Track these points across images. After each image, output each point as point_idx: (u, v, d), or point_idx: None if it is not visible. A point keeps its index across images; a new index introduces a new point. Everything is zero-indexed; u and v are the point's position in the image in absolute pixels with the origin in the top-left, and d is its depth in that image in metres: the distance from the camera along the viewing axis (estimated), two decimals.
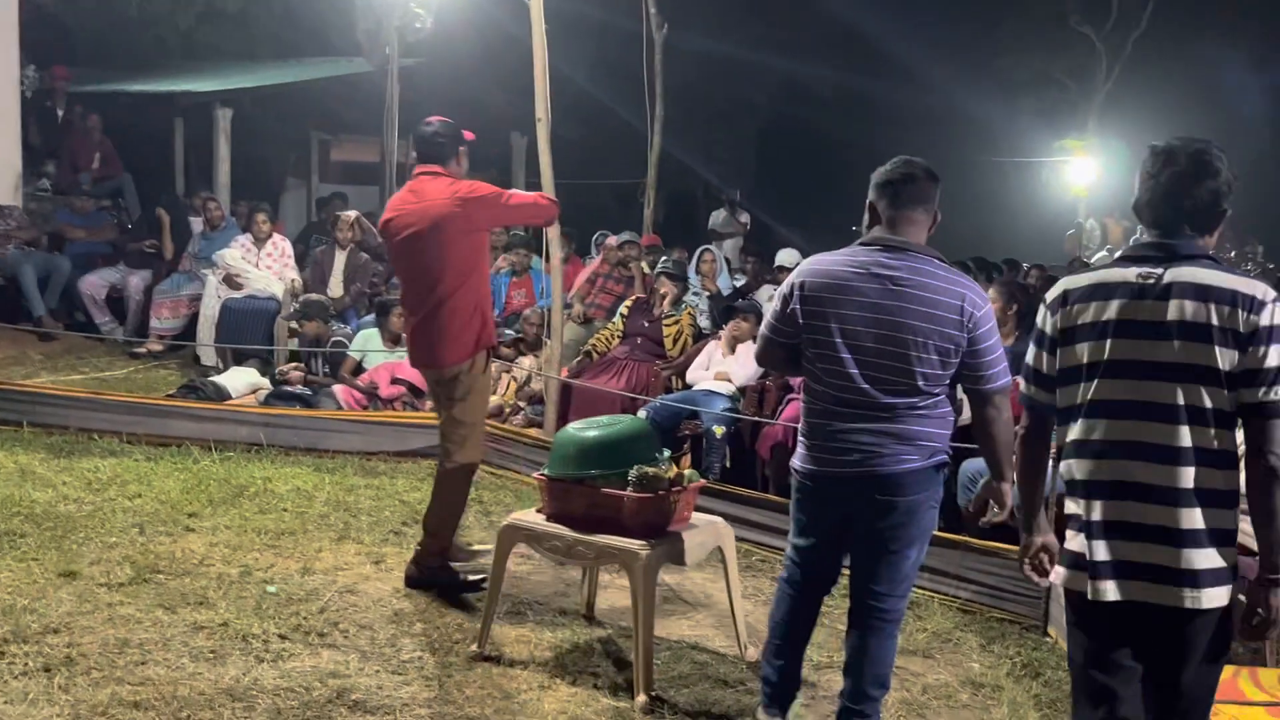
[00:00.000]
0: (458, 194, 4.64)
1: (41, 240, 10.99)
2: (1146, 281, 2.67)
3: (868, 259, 3.40)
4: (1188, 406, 2.61)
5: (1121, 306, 2.68)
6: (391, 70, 11.86)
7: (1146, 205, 2.77)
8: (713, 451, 6.78)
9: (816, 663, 4.36)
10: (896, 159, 3.51)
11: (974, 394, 3.46)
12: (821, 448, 3.45)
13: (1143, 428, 2.64)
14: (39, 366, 9.43)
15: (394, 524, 5.80)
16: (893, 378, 3.34)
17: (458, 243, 4.66)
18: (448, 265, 4.66)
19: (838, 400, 3.40)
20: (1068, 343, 2.78)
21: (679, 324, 7.91)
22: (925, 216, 3.47)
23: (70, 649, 4.02)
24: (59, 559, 4.92)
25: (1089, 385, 2.72)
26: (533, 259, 10.16)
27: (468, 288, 4.71)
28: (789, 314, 3.48)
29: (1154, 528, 2.62)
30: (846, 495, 3.44)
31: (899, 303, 3.32)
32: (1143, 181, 2.79)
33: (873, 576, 3.46)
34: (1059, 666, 4.44)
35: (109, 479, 6.24)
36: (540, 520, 4.17)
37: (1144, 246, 2.76)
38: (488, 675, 4.06)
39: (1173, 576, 2.60)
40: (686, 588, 5.16)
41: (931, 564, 5.12)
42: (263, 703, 3.73)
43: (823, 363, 3.42)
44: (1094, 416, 2.72)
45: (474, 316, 4.74)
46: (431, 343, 4.77)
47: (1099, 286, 2.74)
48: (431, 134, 4.80)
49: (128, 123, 13.26)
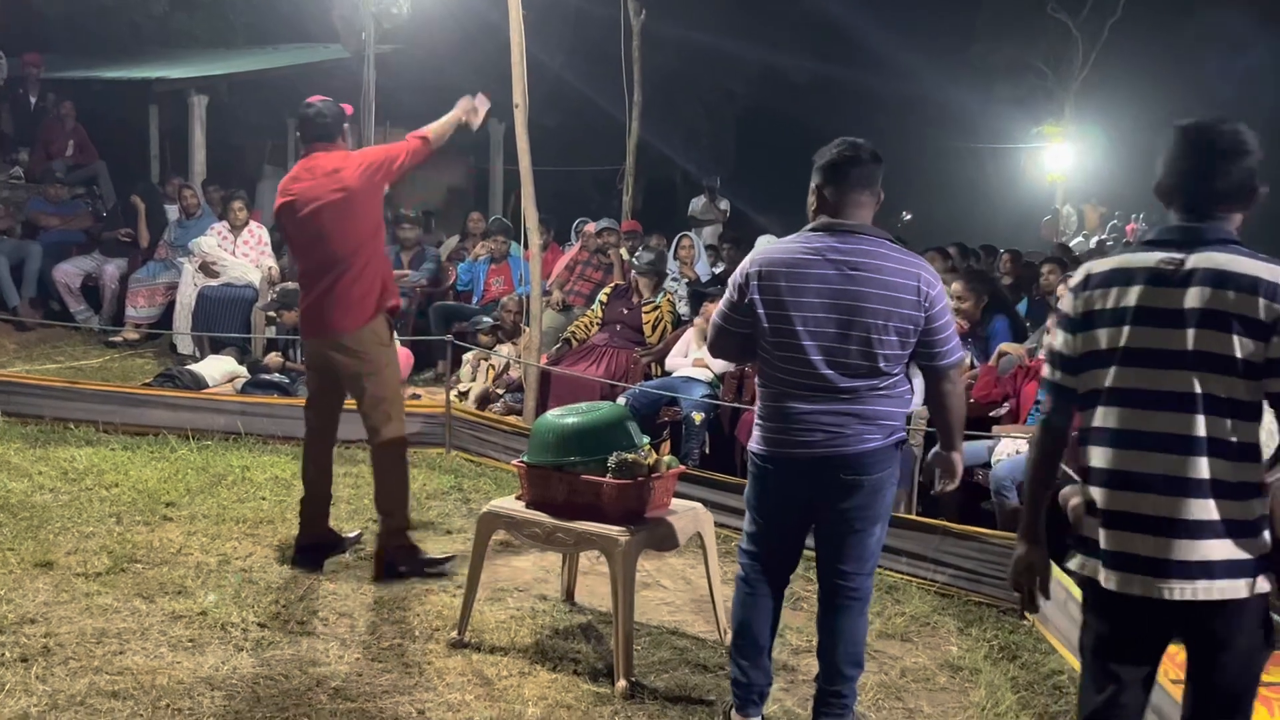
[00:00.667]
0: (358, 163, 4.77)
1: (15, 229, 10.90)
2: (1168, 268, 2.58)
3: (821, 244, 3.42)
4: (1205, 396, 2.53)
5: (1141, 293, 2.60)
6: (368, 57, 11.79)
7: (1176, 188, 2.66)
8: (692, 438, 6.79)
9: (795, 647, 4.38)
10: (838, 141, 3.50)
11: (930, 370, 3.52)
12: (783, 430, 3.47)
13: (1157, 417, 2.57)
14: (14, 356, 9.36)
15: (373, 512, 5.77)
16: (854, 360, 3.37)
17: (364, 210, 4.78)
18: (354, 233, 4.76)
19: (798, 385, 3.42)
20: (1087, 327, 2.69)
21: (658, 311, 7.91)
22: (871, 198, 3.49)
23: (47, 639, 4.01)
24: (35, 549, 4.89)
25: (1106, 372, 2.65)
26: (511, 246, 10.15)
27: (370, 252, 4.82)
28: (745, 304, 3.48)
29: (1155, 519, 2.56)
30: (810, 477, 3.46)
31: (857, 286, 3.35)
32: (1171, 163, 2.67)
33: (840, 557, 3.49)
34: (1036, 649, 4.48)
35: (85, 468, 6.20)
36: (520, 507, 4.17)
37: (1170, 230, 2.66)
38: (468, 662, 4.06)
39: (1161, 568, 2.54)
40: (666, 573, 5.18)
41: (909, 548, 5.16)
42: (242, 691, 3.73)
43: (782, 350, 3.44)
44: (1109, 404, 2.65)
45: (375, 280, 4.84)
46: (333, 311, 4.80)
47: (1120, 271, 2.66)
48: (316, 113, 4.87)
49: (102, 110, 13.14)
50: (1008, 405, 5.92)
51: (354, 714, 3.62)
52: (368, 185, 4.76)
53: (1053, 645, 4.49)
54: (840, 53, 22.29)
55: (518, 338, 8.46)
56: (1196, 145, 2.64)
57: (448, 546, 5.34)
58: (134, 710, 3.54)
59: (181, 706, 3.59)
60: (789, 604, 4.80)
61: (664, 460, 4.21)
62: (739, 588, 3.66)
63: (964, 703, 4.02)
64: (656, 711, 3.77)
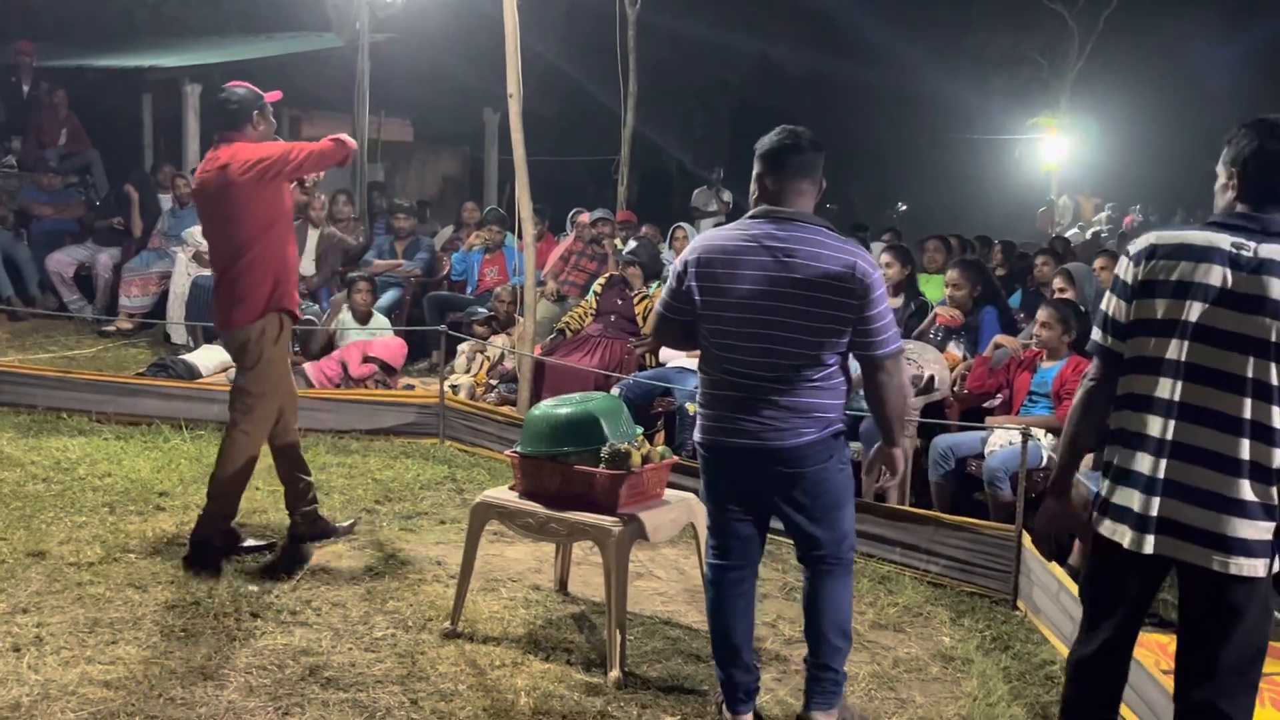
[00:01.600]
0: (245, 159, 4.68)
1: (8, 218, 10.87)
2: (1241, 252, 2.68)
3: (758, 232, 3.41)
4: (1256, 381, 2.65)
5: (1212, 272, 2.69)
6: (362, 45, 11.77)
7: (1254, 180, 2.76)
8: (686, 428, 6.78)
9: (788, 637, 4.39)
10: (779, 129, 3.50)
11: (866, 360, 3.46)
12: (720, 419, 3.48)
13: (1216, 396, 2.68)
14: (6, 345, 9.33)
15: (366, 502, 5.79)
16: (787, 349, 3.35)
17: (249, 206, 4.71)
18: (240, 226, 4.73)
19: (733, 374, 3.43)
20: (1146, 295, 2.78)
21: (649, 301, 7.90)
22: (812, 187, 3.48)
23: (40, 629, 4.00)
24: (28, 538, 4.88)
25: (1164, 341, 2.75)
26: (506, 236, 10.14)
27: (261, 248, 4.75)
28: (683, 291, 3.48)
29: (1208, 493, 2.69)
30: (750, 468, 3.47)
31: (791, 274, 3.33)
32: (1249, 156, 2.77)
33: (809, 538, 3.52)
34: (1028, 640, 4.49)
35: (78, 458, 6.19)
36: (513, 497, 4.17)
37: (1239, 217, 2.76)
38: (461, 652, 4.06)
39: (1213, 541, 2.68)
40: (659, 563, 5.18)
41: (902, 538, 5.17)
42: (235, 681, 3.73)
43: (718, 338, 3.44)
44: (1169, 375, 2.74)
45: (266, 278, 4.77)
46: (226, 304, 4.82)
47: (1187, 247, 2.74)
48: (224, 100, 4.84)
49: (95, 98, 13.08)
50: (1001, 396, 5.93)
51: (347, 704, 3.62)
52: (251, 181, 4.67)
53: (1045, 636, 4.50)
54: (835, 44, 22.26)
55: (512, 328, 8.46)
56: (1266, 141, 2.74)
57: (442, 536, 5.35)
58: (127, 700, 3.54)
59: (174, 696, 3.59)
60: (783, 594, 4.82)
61: (657, 451, 4.21)
62: (708, 592, 3.66)
63: (956, 693, 4.03)
64: (649, 701, 3.78)
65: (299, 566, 4.81)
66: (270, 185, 4.72)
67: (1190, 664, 2.79)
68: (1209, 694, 2.74)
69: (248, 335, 4.80)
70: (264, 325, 4.80)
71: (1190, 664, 2.79)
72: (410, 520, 5.55)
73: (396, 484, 6.17)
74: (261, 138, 4.84)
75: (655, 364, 7.50)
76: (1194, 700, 2.78)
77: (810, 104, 22.74)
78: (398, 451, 6.88)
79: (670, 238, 10.54)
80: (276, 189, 4.77)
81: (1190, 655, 2.80)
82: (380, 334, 8.45)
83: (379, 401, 7.36)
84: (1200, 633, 2.77)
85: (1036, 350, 5.81)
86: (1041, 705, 3.93)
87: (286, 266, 4.86)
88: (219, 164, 4.73)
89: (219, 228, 4.83)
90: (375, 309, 8.67)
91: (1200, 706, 2.76)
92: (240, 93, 4.84)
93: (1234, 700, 2.74)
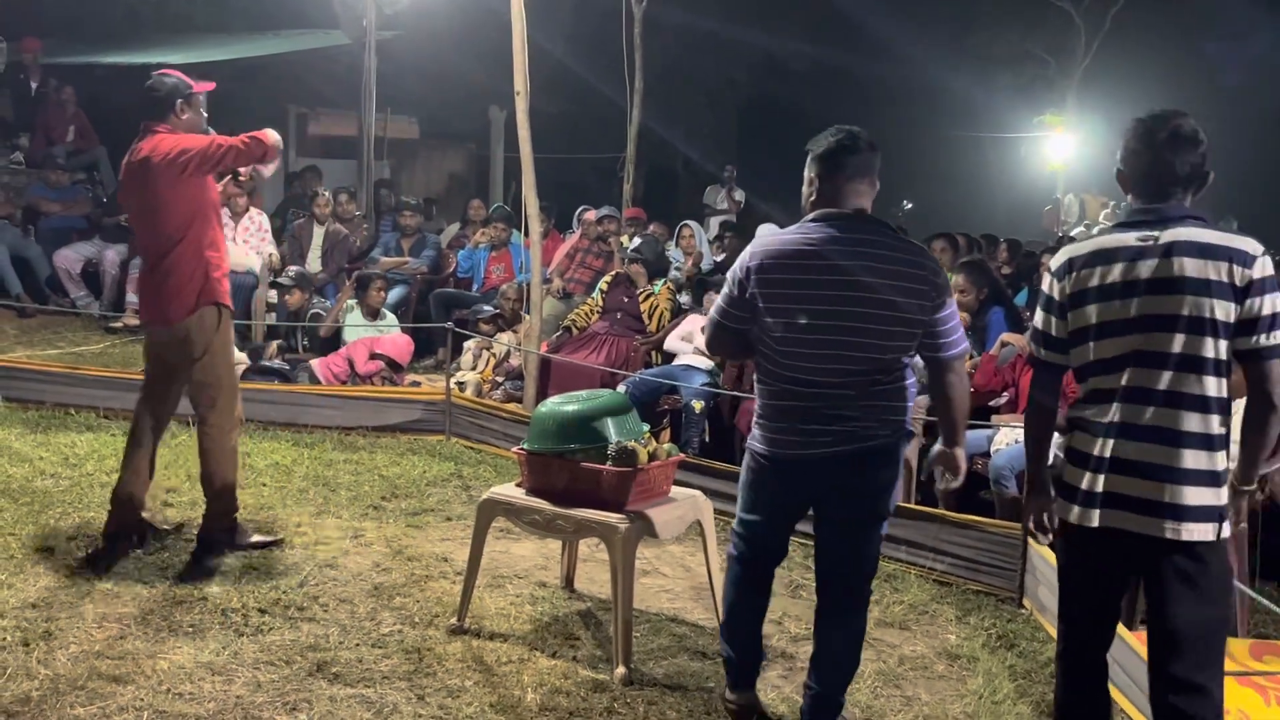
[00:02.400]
0: (166, 150, 4.61)
1: (16, 215, 10.89)
2: (1146, 244, 2.87)
3: (821, 235, 3.30)
4: (1186, 355, 2.81)
5: (1125, 268, 2.87)
6: (369, 43, 11.77)
7: (1142, 175, 2.97)
8: (692, 426, 6.80)
9: (795, 635, 4.40)
10: (834, 129, 3.40)
11: (934, 362, 3.40)
12: (789, 430, 3.37)
13: (1151, 375, 2.84)
14: (14, 341, 9.36)
15: (373, 498, 5.80)
16: (860, 354, 3.27)
17: (170, 200, 4.65)
18: (165, 219, 4.67)
19: (803, 381, 3.32)
20: (1077, 305, 2.95)
21: (654, 299, 7.91)
22: (870, 188, 3.39)
23: (48, 623, 4.02)
24: (36, 534, 4.90)
25: (1100, 343, 2.91)
26: (512, 234, 10.15)
27: (187, 242, 4.68)
28: (746, 298, 3.37)
29: (1153, 465, 2.83)
30: (814, 477, 3.38)
31: (862, 278, 3.24)
32: (1133, 153, 2.98)
33: (843, 560, 3.43)
34: (1034, 638, 4.50)
35: (86, 454, 6.21)
36: (520, 494, 4.18)
37: (1138, 213, 2.95)
38: (467, 648, 4.08)
39: (1158, 509, 2.81)
40: (665, 560, 5.19)
41: (908, 536, 5.17)
42: (242, 676, 3.74)
43: (785, 345, 3.33)
44: (1107, 371, 2.91)
45: (196, 271, 4.70)
46: (157, 299, 4.77)
47: (1100, 252, 2.94)
48: (147, 90, 4.78)
49: (102, 95, 13.10)
50: (1007, 395, 5.93)
51: (354, 699, 3.63)
52: (172, 173, 4.60)
53: (1050, 634, 4.50)
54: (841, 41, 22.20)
55: (518, 325, 8.47)
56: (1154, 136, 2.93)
57: (448, 533, 5.36)
58: (135, 694, 3.56)
59: (182, 691, 3.61)
60: (789, 592, 4.83)
61: (664, 448, 4.21)
62: (731, 567, 3.64)
63: (962, 690, 4.03)
64: (655, 698, 3.79)
65: (307, 562, 4.82)
66: (192, 178, 4.64)
67: (1158, 640, 2.88)
68: (1180, 669, 2.83)
69: (186, 329, 4.72)
70: (200, 316, 4.72)
71: (1158, 640, 2.88)
72: (417, 517, 5.57)
73: (403, 480, 6.18)
74: (187, 128, 4.74)
75: (661, 362, 7.51)
76: (1167, 675, 2.85)
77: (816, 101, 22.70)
78: (404, 448, 6.89)
79: (677, 236, 10.55)
80: (200, 182, 4.69)
81: (1157, 631, 2.88)
82: (387, 331, 8.46)
83: (386, 398, 7.38)
84: (1161, 608, 2.86)
85: None
86: (1047, 703, 3.93)
87: (216, 258, 4.77)
88: (140, 155, 4.66)
89: (144, 220, 4.77)
90: (382, 306, 8.69)
91: (1173, 681, 2.84)
92: (167, 81, 4.78)
93: (1204, 671, 2.83)
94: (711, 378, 6.99)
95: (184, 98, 4.78)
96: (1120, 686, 3.72)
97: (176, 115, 4.76)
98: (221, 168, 4.75)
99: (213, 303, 4.75)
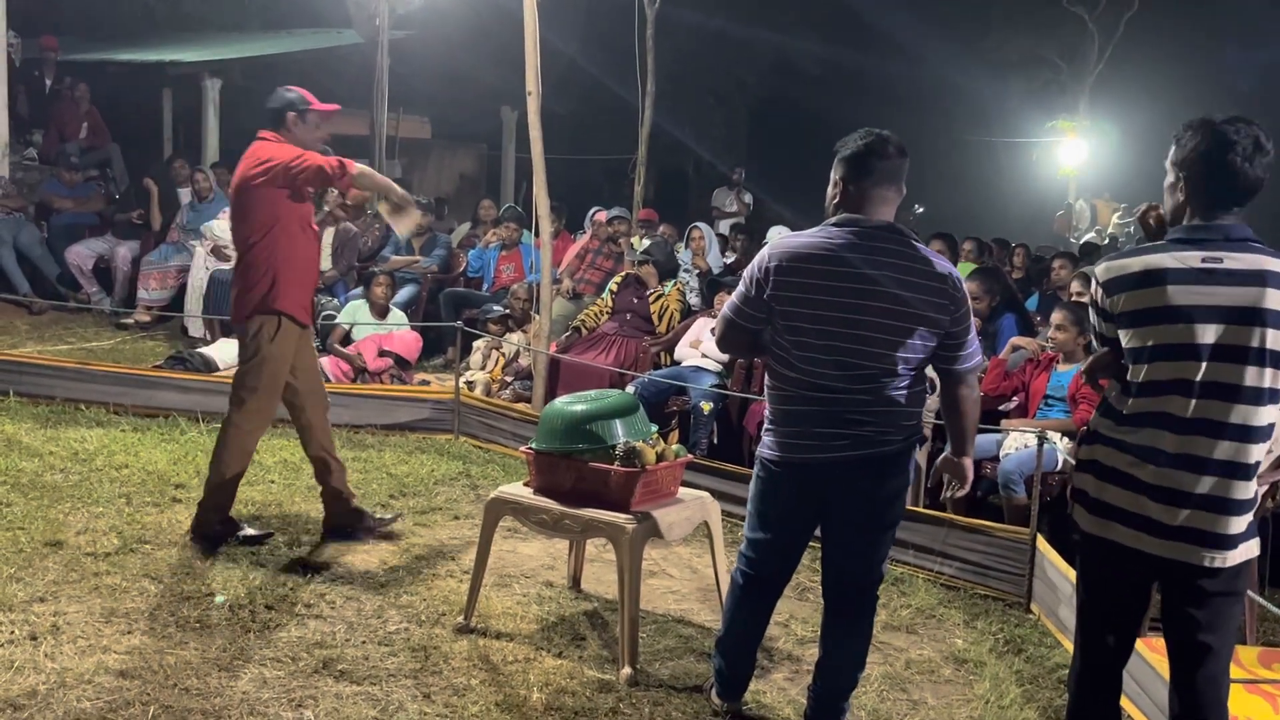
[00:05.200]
0: (257, 159, 4.82)
1: (29, 210, 10.94)
2: (1210, 266, 2.72)
3: (843, 240, 3.26)
4: (1254, 388, 2.70)
5: (1185, 291, 2.72)
6: (381, 42, 11.79)
7: (1207, 186, 2.78)
8: (700, 427, 6.80)
9: (801, 637, 4.39)
10: (863, 132, 3.35)
11: (948, 374, 3.37)
12: (801, 434, 3.33)
13: (1223, 408, 2.72)
14: (25, 336, 9.40)
15: (381, 496, 5.81)
16: (875, 362, 3.24)
17: (252, 206, 4.84)
18: (246, 222, 4.87)
19: (816, 386, 3.29)
20: (1128, 325, 2.82)
21: (664, 300, 7.91)
22: (896, 194, 3.34)
23: (56, 618, 4.03)
24: (45, 528, 4.91)
25: (1156, 365, 2.78)
26: (522, 234, 10.15)
27: (260, 248, 4.83)
28: (762, 299, 3.33)
29: (1218, 499, 2.74)
30: (825, 484, 3.35)
31: (882, 286, 3.20)
32: (1200, 160, 2.78)
33: (852, 563, 3.42)
34: (1041, 643, 4.48)
35: (96, 449, 6.23)
36: (528, 494, 4.18)
37: (1198, 230, 2.79)
38: (474, 647, 4.08)
39: (1209, 539, 2.75)
40: (672, 562, 5.19)
41: (916, 540, 5.16)
42: (249, 672, 3.75)
43: (799, 349, 3.30)
44: (1161, 394, 2.78)
45: (264, 276, 4.83)
46: (232, 296, 4.97)
47: (1154, 272, 2.77)
48: (267, 100, 5.00)
49: (116, 93, 13.16)
50: (1017, 399, 5.92)
51: (360, 696, 3.64)
52: (256, 183, 4.78)
53: (1058, 639, 4.49)
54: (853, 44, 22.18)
55: (527, 325, 8.47)
56: (1219, 144, 2.74)
57: (456, 532, 5.37)
58: (141, 689, 3.56)
59: (189, 686, 3.61)
60: (796, 594, 4.82)
61: (672, 449, 4.21)
62: (734, 589, 3.61)
63: (969, 695, 4.02)
64: (660, 699, 3.78)
65: (315, 560, 4.83)
66: (271, 188, 4.77)
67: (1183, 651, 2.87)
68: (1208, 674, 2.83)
69: (245, 330, 4.89)
70: (261, 323, 4.84)
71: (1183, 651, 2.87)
72: (424, 515, 5.57)
73: (411, 479, 6.19)
74: (295, 141, 4.88)
75: (670, 363, 7.51)
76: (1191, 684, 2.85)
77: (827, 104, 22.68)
78: (413, 446, 6.90)
79: (687, 238, 10.53)
80: (278, 194, 4.79)
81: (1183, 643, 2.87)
82: (396, 329, 8.48)
83: (395, 397, 7.38)
84: (1189, 621, 2.84)
85: (1053, 353, 5.80)
86: (1054, 709, 3.92)
87: (289, 270, 4.86)
88: (244, 160, 4.86)
89: (234, 220, 4.98)
90: (391, 304, 8.71)
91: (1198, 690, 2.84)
92: (285, 94, 4.93)
93: (1224, 681, 2.86)
94: (720, 379, 6.99)
95: (297, 112, 4.93)
96: (1129, 695, 3.70)
97: (287, 127, 4.91)
98: (301, 184, 4.83)
99: (273, 312, 4.84)
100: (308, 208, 4.97)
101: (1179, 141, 2.83)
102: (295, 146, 4.84)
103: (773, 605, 3.65)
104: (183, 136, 14.21)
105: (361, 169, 5.00)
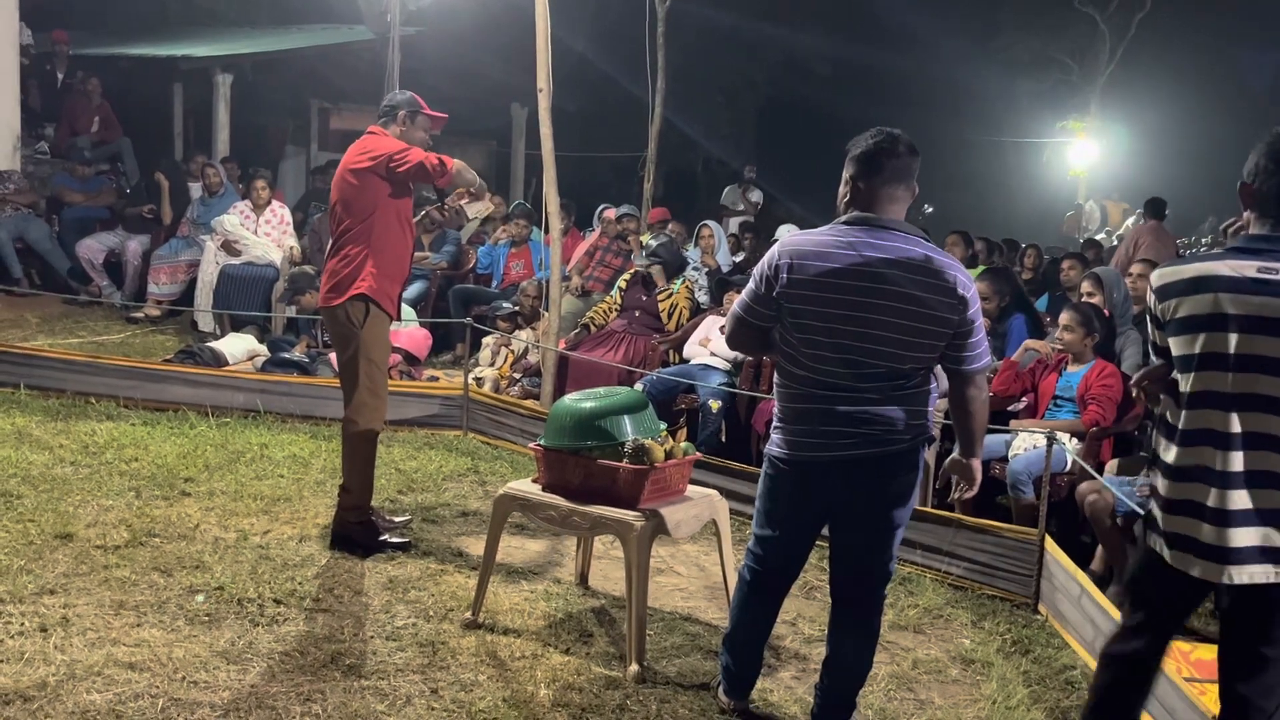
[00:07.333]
0: (364, 149, 4.96)
1: (40, 204, 10.98)
2: (1268, 277, 2.68)
3: (854, 239, 3.26)
4: None
5: (1242, 301, 2.69)
6: (392, 38, 11.79)
7: (1262, 194, 2.77)
8: (708, 425, 6.80)
9: (808, 636, 4.39)
10: (874, 131, 3.34)
11: (956, 374, 3.36)
12: (810, 433, 3.33)
13: (1267, 420, 2.69)
14: (36, 330, 9.43)
15: (389, 492, 5.82)
16: (884, 361, 3.23)
17: (354, 194, 4.93)
18: (344, 208, 4.97)
19: (825, 384, 3.28)
20: (1178, 332, 2.81)
21: (673, 298, 7.91)
22: (906, 193, 3.33)
23: (66, 610, 4.05)
24: (55, 521, 4.93)
25: (1204, 374, 2.77)
26: (532, 230, 10.16)
27: (355, 234, 4.93)
28: (771, 297, 3.33)
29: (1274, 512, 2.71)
30: (833, 482, 3.34)
31: (891, 285, 3.20)
32: (1261, 170, 2.77)
33: (859, 563, 3.41)
34: (1049, 644, 4.48)
35: (106, 442, 6.25)
36: (536, 490, 4.18)
37: (1259, 240, 2.77)
38: (481, 643, 4.08)
39: (1271, 555, 2.72)
40: (680, 559, 5.19)
41: (924, 540, 5.15)
42: (257, 666, 3.76)
43: (808, 347, 3.29)
44: (1222, 408, 2.75)
45: (354, 264, 4.91)
46: (325, 280, 5.04)
47: (1206, 279, 2.75)
48: (387, 97, 5.25)
49: (127, 87, 13.20)
50: (1026, 400, 5.91)
51: (368, 691, 3.64)
52: (358, 171, 4.89)
53: (1066, 640, 4.48)
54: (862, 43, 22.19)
55: (536, 322, 8.48)
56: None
57: (464, 528, 5.37)
58: (150, 682, 3.58)
59: (197, 679, 3.63)
60: (803, 593, 4.82)
61: (680, 447, 4.21)
62: (740, 588, 3.62)
63: (975, 695, 4.02)
64: (667, 696, 3.79)
65: (323, 554, 4.84)
66: (372, 179, 4.89)
67: (1236, 662, 2.85)
68: (1253, 689, 2.81)
69: (333, 315, 4.96)
70: (347, 309, 4.90)
71: (1236, 662, 2.85)
72: (432, 511, 5.58)
73: (420, 475, 6.20)
74: (401, 138, 5.01)
75: (678, 361, 7.51)
76: (1239, 693, 2.84)
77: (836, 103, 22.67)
78: (421, 442, 6.91)
79: (696, 236, 10.53)
80: (379, 184, 4.90)
81: (1236, 654, 2.86)
82: (405, 325, 8.48)
83: (404, 393, 7.39)
84: (1247, 634, 2.82)
85: (1063, 354, 5.78)
86: (1061, 709, 3.92)
87: (380, 260, 4.95)
88: (349, 150, 5.01)
89: (333, 209, 5.07)
90: (401, 300, 8.71)
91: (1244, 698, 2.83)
92: (401, 95, 5.17)
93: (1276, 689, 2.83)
94: (729, 377, 6.99)
95: (409, 112, 5.08)
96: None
97: (398, 124, 5.06)
98: (402, 175, 4.90)
99: (362, 296, 4.90)
100: (406, 203, 5.05)
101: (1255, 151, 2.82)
102: (401, 142, 4.97)
103: (780, 603, 3.65)
104: (193, 131, 14.24)
105: (460, 166, 5.07)
